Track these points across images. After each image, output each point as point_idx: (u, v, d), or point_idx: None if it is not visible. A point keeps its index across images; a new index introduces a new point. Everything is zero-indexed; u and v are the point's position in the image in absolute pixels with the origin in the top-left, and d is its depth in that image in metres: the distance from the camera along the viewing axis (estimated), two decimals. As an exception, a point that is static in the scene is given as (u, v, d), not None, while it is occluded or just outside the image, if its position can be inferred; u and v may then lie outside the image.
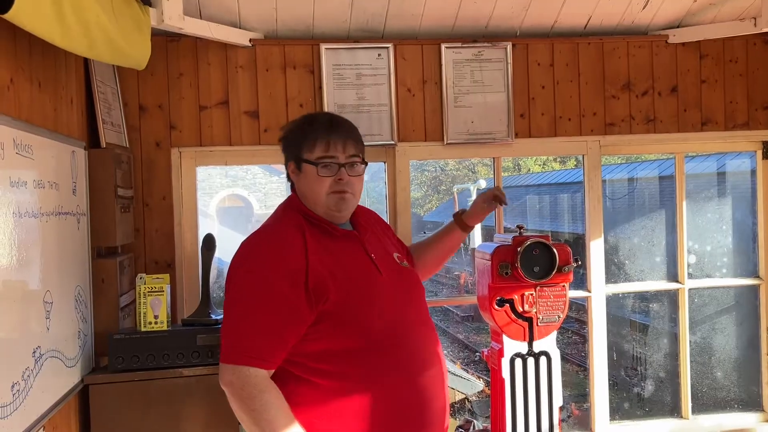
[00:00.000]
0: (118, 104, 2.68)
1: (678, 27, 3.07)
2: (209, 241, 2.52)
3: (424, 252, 2.47)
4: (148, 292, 2.37)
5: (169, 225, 2.78)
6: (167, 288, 2.40)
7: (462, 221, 2.38)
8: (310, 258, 1.85)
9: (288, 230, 1.93)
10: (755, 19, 2.91)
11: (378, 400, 1.88)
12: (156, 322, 2.37)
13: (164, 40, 2.73)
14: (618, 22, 2.99)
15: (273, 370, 1.84)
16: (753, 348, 3.34)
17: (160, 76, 2.77)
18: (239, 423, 1.88)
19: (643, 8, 2.91)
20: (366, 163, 2.06)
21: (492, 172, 3.16)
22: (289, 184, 2.08)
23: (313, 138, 1.95)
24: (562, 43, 3.02)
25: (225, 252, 2.01)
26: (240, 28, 2.77)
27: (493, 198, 2.33)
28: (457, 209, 2.44)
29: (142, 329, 2.35)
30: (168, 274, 2.44)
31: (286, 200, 2.07)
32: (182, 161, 2.80)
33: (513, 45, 2.97)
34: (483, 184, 13.69)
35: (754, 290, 3.31)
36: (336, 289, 1.85)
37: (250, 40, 2.80)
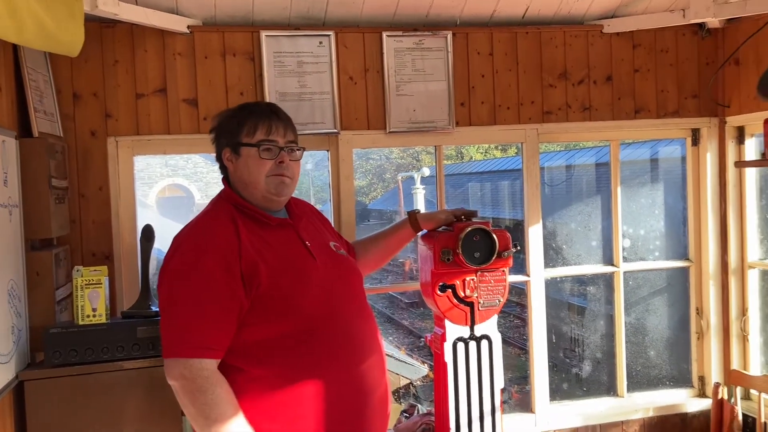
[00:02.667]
0: (50, 92, 2.59)
1: (612, 17, 3.15)
2: (148, 232, 2.48)
3: (372, 245, 2.52)
4: (86, 284, 2.31)
5: (106, 216, 2.71)
6: (105, 280, 2.35)
7: (416, 221, 2.46)
8: (242, 243, 1.86)
9: (219, 220, 1.94)
10: (684, 10, 3.02)
11: (316, 388, 1.90)
12: (94, 315, 2.32)
13: (98, 27, 2.66)
14: (555, 12, 3.05)
15: (220, 360, 1.84)
16: (683, 327, 3.49)
17: (94, 63, 2.69)
18: (183, 414, 1.87)
19: (579, -1, 2.98)
20: (303, 149, 2.08)
21: (435, 160, 3.20)
22: (222, 175, 2.08)
23: (254, 122, 1.97)
24: (501, 33, 3.07)
25: (165, 243, 1.99)
26: (178, 14, 2.72)
27: (459, 216, 2.48)
28: (401, 197, 2.48)
29: (80, 323, 2.30)
30: (106, 266, 2.38)
31: (218, 193, 2.07)
32: (119, 150, 2.73)
33: (453, 34, 3.00)
34: (426, 172, 13.79)
35: (684, 272, 3.45)
36: (268, 275, 1.86)
37: (189, 27, 2.75)
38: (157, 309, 2.40)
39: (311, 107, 2.85)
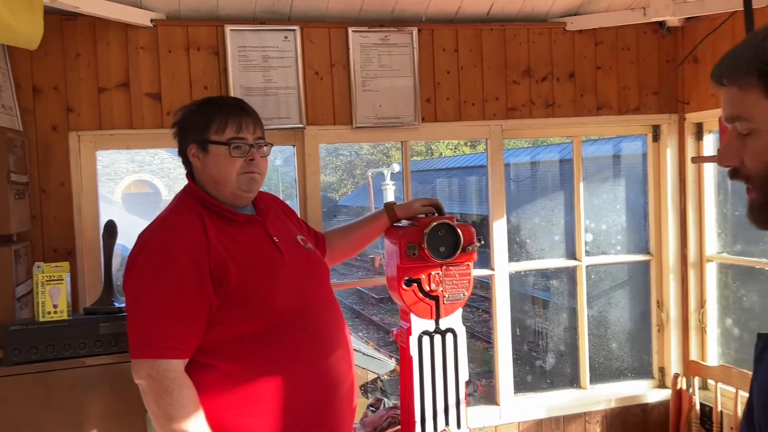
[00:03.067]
0: (9, 85, 2.54)
1: (575, 15, 3.20)
2: (110, 228, 2.45)
3: (349, 233, 2.54)
4: (47, 281, 2.28)
5: (68, 212, 2.67)
6: (67, 276, 2.32)
7: (392, 210, 2.52)
8: (210, 241, 1.85)
9: (186, 217, 1.92)
10: (645, 9, 3.08)
11: (284, 383, 1.91)
12: (55, 312, 2.29)
13: (59, 19, 2.61)
14: (519, 9, 3.09)
15: (188, 359, 1.83)
16: (644, 320, 3.56)
17: (55, 57, 2.65)
18: (146, 411, 1.86)
19: (542, -4, 3.02)
20: (271, 145, 2.08)
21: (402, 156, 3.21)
22: (186, 171, 2.06)
23: (224, 119, 1.95)
24: (466, 29, 3.10)
25: (131, 239, 1.97)
26: (141, 8, 2.69)
27: (433, 205, 2.53)
28: (371, 193, 2.53)
29: (41, 319, 2.26)
30: (68, 263, 2.35)
31: (182, 189, 2.05)
32: (81, 145, 2.70)
33: (419, 30, 3.02)
34: (396, 168, 13.80)
35: (645, 266, 3.53)
36: (237, 273, 1.86)
37: (152, 21, 2.72)
38: (121, 305, 2.38)
39: (276, 102, 2.84)
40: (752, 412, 0.99)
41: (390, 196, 13.50)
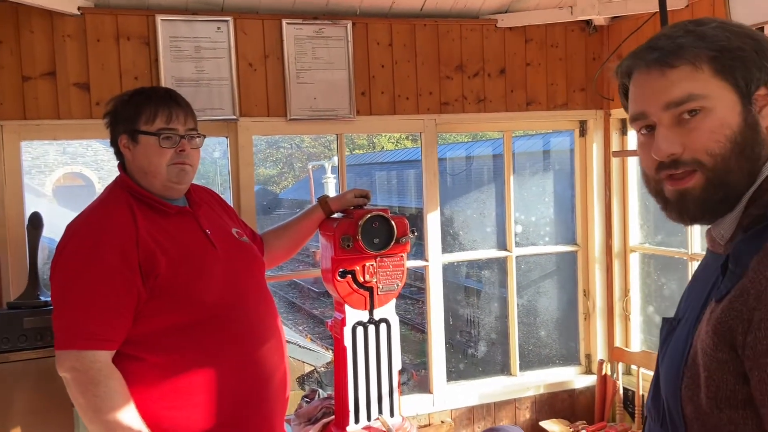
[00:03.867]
0: (-74, 72, 2.45)
1: (506, 12, 3.28)
2: (35, 220, 2.39)
3: (284, 232, 2.55)
4: (-33, 275, 2.22)
5: (-9, 204, 2.59)
6: (-11, 270, 2.26)
7: (326, 203, 2.55)
8: (139, 232, 1.84)
9: (115, 207, 1.91)
10: (572, 7, 3.18)
11: (215, 375, 1.91)
12: (-23, 307, 2.23)
13: (-21, 4, 2.53)
14: (451, 5, 3.15)
15: (114, 351, 1.81)
16: (572, 308, 3.69)
17: (-25, 43, 2.56)
18: (73, 406, 1.83)
19: (474, -7, 3.08)
20: (204, 136, 2.07)
21: (347, 149, 3.23)
22: (118, 162, 2.04)
23: (153, 110, 1.94)
24: (400, 24, 3.13)
25: (61, 233, 1.93)
26: (67, -6, 2.63)
27: (365, 196, 2.59)
28: (312, 186, 2.56)
29: (-39, 315, 2.20)
30: (-10, 256, 2.29)
31: (113, 180, 2.03)
32: (4, 135, 2.62)
33: (353, 24, 3.04)
34: (337, 160, 13.78)
35: (572, 256, 3.65)
36: (166, 264, 1.85)
37: (79, 8, 2.66)
38: (47, 299, 2.33)
39: (209, 93, 2.82)
40: (658, 387, 1.07)
41: (331, 188, 13.47)
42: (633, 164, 3.49)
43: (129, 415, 1.77)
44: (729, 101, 0.97)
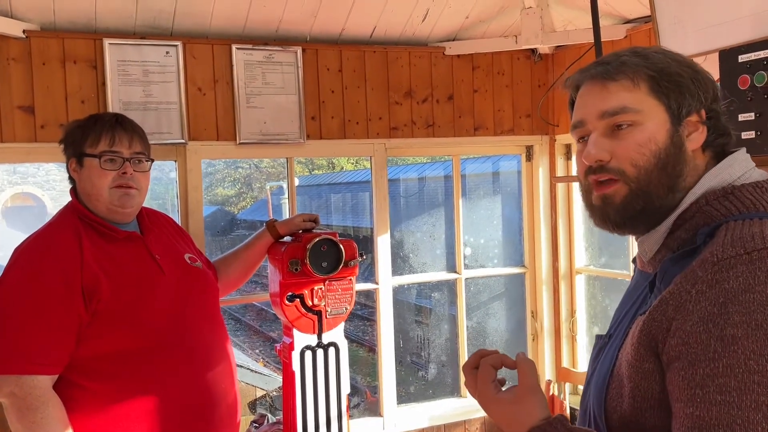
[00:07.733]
0: None
1: (454, 40, 3.36)
2: (-25, 245, 2.35)
3: (234, 260, 2.55)
4: None
5: (-71, 228, 2.54)
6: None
7: (274, 227, 2.54)
8: (84, 256, 1.84)
9: (62, 232, 1.91)
10: (516, 37, 3.28)
11: (158, 403, 1.90)
12: None
13: None
14: (400, 33, 3.21)
15: (56, 376, 1.80)
16: (520, 329, 3.75)
17: None
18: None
19: (423, 21, 3.16)
20: (152, 160, 2.08)
21: (306, 170, 3.25)
22: (71, 186, 2.06)
23: (98, 133, 1.97)
24: (350, 50, 3.18)
25: (9, 254, 1.92)
26: (12, 17, 2.60)
27: (312, 220, 2.59)
28: (270, 207, 2.57)
29: None
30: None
31: (65, 205, 2.04)
32: (-56, 158, 2.57)
33: (303, 49, 3.07)
34: (296, 181, 13.78)
35: (520, 278, 3.72)
36: (109, 289, 1.85)
37: (24, 32, 2.64)
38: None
39: (157, 117, 2.82)
40: (587, 400, 1.13)
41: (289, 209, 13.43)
42: (578, 188, 3.58)
43: None
44: (660, 120, 1.04)
